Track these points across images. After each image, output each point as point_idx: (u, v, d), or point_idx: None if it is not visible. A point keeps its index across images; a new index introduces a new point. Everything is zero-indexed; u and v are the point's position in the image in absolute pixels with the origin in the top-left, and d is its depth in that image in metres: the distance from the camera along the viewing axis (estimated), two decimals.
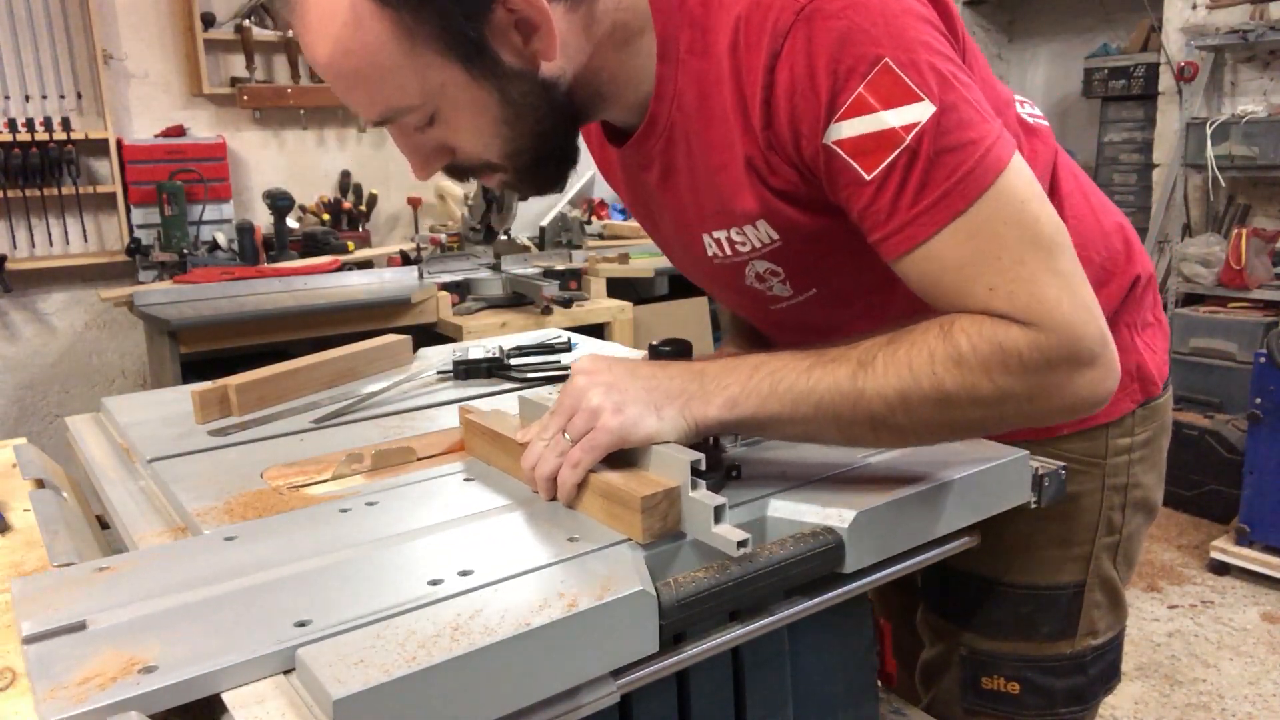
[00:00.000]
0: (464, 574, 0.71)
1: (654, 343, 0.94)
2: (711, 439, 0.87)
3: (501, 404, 1.21)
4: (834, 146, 0.81)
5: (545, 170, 0.93)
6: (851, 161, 0.81)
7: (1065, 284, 0.79)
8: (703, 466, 0.77)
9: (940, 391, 0.79)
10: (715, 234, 0.96)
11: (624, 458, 0.82)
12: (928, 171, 0.79)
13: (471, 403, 1.11)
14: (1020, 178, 0.81)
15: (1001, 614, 1.10)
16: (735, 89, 0.86)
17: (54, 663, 0.61)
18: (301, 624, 0.64)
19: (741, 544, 0.72)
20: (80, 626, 0.66)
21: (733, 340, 1.31)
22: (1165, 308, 2.82)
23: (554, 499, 0.84)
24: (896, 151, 0.79)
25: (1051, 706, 1.10)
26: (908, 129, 0.78)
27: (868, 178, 0.80)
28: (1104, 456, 1.09)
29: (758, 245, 0.94)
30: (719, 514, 0.74)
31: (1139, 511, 1.13)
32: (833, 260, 0.95)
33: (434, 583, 0.69)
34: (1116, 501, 1.10)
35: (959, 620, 1.12)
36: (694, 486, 0.77)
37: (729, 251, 0.96)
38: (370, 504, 0.87)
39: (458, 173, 0.93)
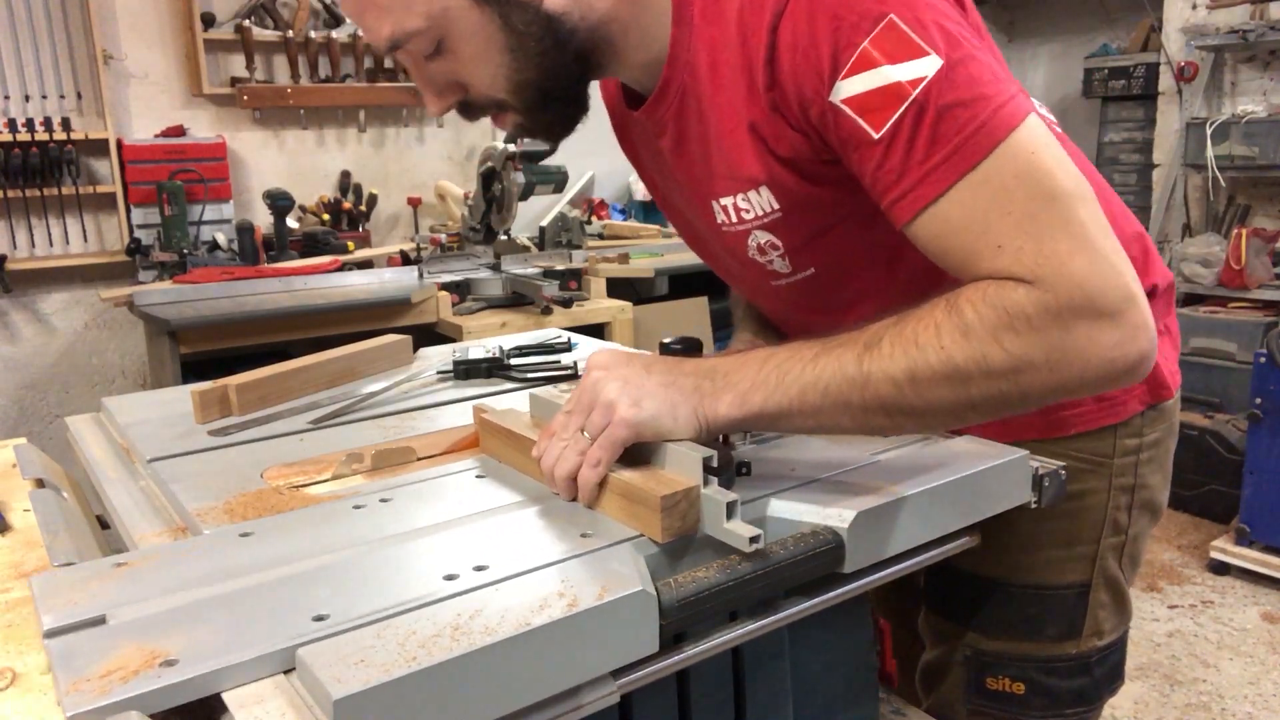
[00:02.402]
0: (479, 569, 0.71)
1: (665, 340, 0.94)
2: (721, 436, 0.87)
3: (506, 403, 1.21)
4: (841, 105, 0.80)
5: (553, 111, 0.95)
6: (859, 120, 0.80)
7: (1081, 238, 0.76)
8: (715, 464, 0.78)
9: (950, 366, 0.76)
10: (723, 200, 0.97)
11: (639, 455, 0.83)
12: (936, 126, 0.77)
13: (482, 401, 1.11)
14: (1034, 134, 0.78)
15: (1007, 614, 1.10)
16: (741, 53, 0.87)
17: (76, 656, 0.62)
18: (320, 618, 0.64)
19: (753, 539, 0.73)
20: (100, 620, 0.66)
21: (744, 331, 1.29)
22: None
23: (574, 499, 0.84)
24: (904, 106, 0.77)
25: (1057, 707, 1.10)
26: (914, 83, 0.77)
27: (876, 136, 0.79)
28: (1111, 456, 1.08)
29: (760, 214, 0.95)
30: (731, 510, 0.75)
31: (1145, 512, 1.13)
32: (830, 237, 0.96)
33: (449, 578, 0.70)
34: (1123, 502, 1.10)
35: (963, 621, 1.12)
36: (706, 483, 0.77)
37: (735, 219, 0.97)
38: (384, 500, 0.88)
39: (470, 111, 0.96)
